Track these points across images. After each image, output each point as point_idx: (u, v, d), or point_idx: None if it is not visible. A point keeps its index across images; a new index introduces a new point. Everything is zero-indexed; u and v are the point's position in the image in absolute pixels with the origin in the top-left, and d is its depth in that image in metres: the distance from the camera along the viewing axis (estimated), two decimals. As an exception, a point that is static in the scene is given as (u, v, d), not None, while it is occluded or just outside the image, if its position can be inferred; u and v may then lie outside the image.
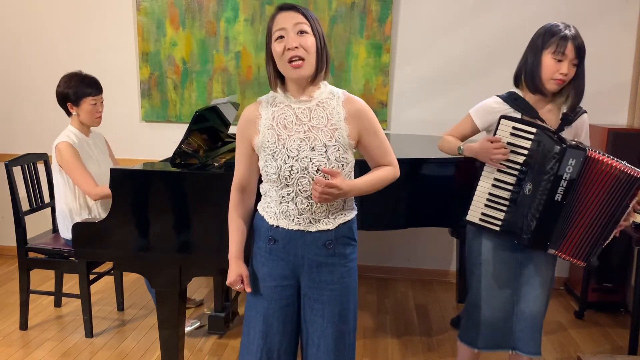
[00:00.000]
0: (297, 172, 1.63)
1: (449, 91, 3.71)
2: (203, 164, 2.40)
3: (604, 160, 1.85)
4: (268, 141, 1.66)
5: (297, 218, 1.68)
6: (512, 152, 1.94)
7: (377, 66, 3.69)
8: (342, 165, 1.67)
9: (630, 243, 2.74)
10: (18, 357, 2.78)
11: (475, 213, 2.02)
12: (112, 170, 2.23)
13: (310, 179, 1.63)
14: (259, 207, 1.79)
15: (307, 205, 1.67)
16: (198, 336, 3.03)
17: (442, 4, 3.62)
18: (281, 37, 1.60)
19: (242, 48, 3.75)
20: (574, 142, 1.90)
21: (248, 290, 1.77)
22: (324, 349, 1.73)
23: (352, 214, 1.76)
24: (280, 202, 1.69)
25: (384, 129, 3.70)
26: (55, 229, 3.24)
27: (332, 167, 1.63)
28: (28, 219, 3.04)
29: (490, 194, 2.00)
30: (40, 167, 3.29)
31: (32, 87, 3.98)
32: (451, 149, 2.13)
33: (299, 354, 1.85)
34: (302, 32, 1.59)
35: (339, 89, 1.73)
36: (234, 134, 1.83)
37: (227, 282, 1.80)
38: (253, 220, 1.81)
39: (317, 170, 1.63)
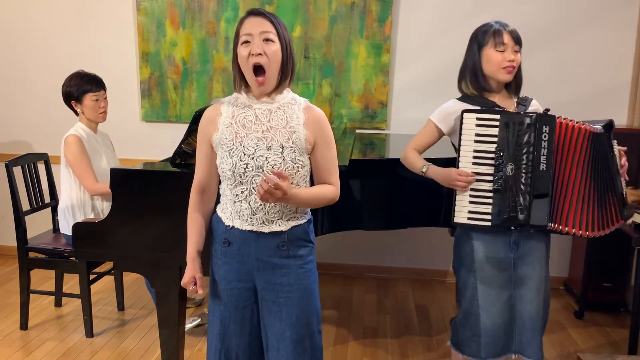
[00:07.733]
0: (252, 170, 1.64)
1: (449, 91, 3.65)
2: (203, 164, 2.40)
3: (573, 125, 1.92)
4: (226, 138, 1.67)
5: (251, 218, 1.68)
6: (483, 142, 1.97)
7: (377, 66, 3.69)
8: (298, 167, 1.66)
9: (630, 243, 2.74)
10: (18, 357, 2.78)
11: (461, 213, 2.00)
12: (112, 170, 2.24)
13: None
14: (218, 208, 1.79)
15: (261, 205, 1.66)
16: (198, 336, 3.03)
17: (442, 4, 3.62)
18: (247, 42, 1.62)
19: (242, 48, 3.75)
20: (540, 112, 1.96)
21: (199, 292, 1.79)
22: (283, 352, 1.72)
23: (305, 218, 1.75)
24: (234, 202, 1.69)
25: (383, 129, 3.76)
26: (55, 229, 3.24)
27: (287, 168, 1.64)
28: (28, 219, 3.04)
29: (472, 189, 1.98)
30: (41, 167, 3.29)
31: (33, 87, 3.99)
32: (414, 167, 2.14)
33: None
34: (267, 39, 1.61)
35: (302, 97, 1.75)
36: None
37: (182, 283, 1.82)
38: (211, 222, 1.81)
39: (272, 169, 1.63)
